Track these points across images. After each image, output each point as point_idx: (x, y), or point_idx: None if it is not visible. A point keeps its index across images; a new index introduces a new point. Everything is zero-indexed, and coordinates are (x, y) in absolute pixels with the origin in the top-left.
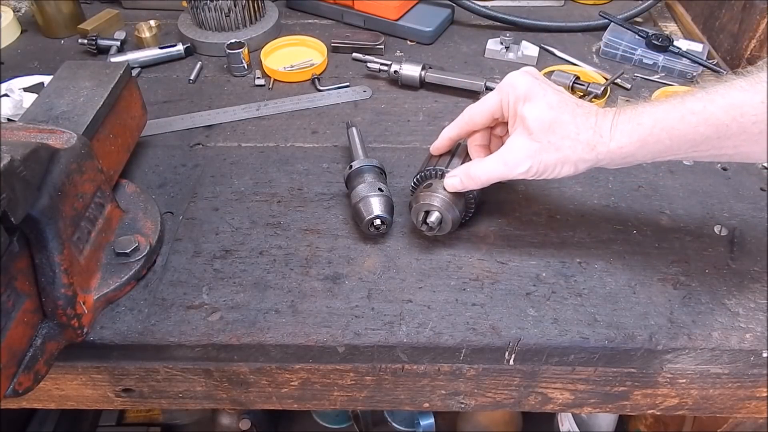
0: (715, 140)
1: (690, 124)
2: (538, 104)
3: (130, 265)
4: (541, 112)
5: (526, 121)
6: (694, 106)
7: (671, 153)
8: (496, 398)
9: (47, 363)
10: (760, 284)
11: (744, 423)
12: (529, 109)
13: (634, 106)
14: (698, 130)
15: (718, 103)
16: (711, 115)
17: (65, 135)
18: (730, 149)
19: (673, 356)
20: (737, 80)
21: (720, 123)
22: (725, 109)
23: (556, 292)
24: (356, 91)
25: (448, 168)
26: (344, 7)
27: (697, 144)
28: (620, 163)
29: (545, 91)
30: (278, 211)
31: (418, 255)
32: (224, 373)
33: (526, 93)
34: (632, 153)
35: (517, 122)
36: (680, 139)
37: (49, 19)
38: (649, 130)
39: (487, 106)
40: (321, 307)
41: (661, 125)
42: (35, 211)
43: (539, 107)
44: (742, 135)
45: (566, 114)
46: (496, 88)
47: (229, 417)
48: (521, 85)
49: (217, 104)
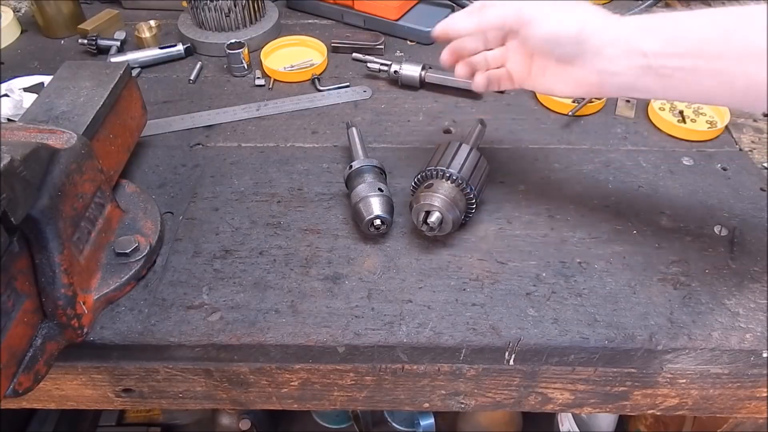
0: (721, 42)
1: (696, 20)
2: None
3: (130, 265)
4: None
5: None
6: (700, 12)
7: (672, 52)
8: (496, 398)
9: (47, 363)
10: (760, 284)
11: (744, 423)
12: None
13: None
14: (704, 30)
15: (725, 10)
16: (717, 15)
17: (65, 135)
18: (734, 66)
19: (673, 356)
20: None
21: (727, 23)
22: (733, 12)
23: (556, 292)
24: (356, 91)
25: (448, 168)
26: (344, 7)
27: (702, 48)
28: (617, 50)
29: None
30: (278, 211)
31: (418, 255)
32: (224, 373)
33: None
34: (628, 36)
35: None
36: (685, 34)
37: (49, 19)
38: (652, 18)
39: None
40: (321, 307)
41: (666, 18)
42: (35, 211)
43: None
44: (746, 49)
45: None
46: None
47: (229, 417)
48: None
49: (217, 104)
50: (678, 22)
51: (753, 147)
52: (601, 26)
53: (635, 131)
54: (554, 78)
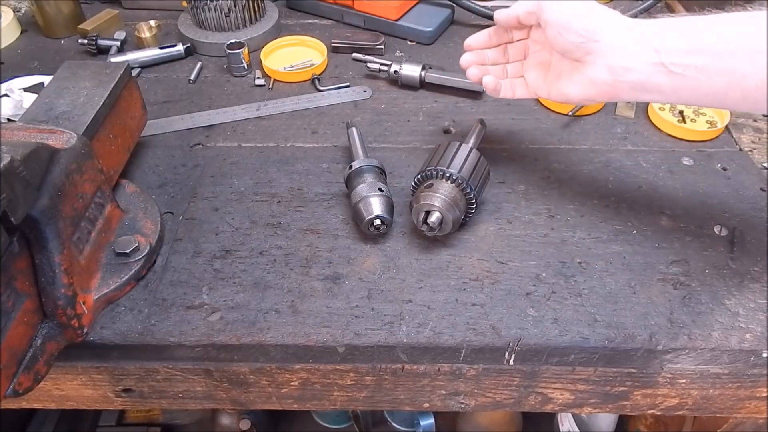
0: (732, 40)
1: (708, 20)
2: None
3: (130, 265)
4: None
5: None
6: (711, 15)
7: (684, 48)
8: (496, 398)
9: (47, 363)
10: (760, 284)
11: (744, 423)
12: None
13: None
14: (716, 28)
15: (736, 13)
16: (729, 16)
17: (65, 135)
18: (745, 64)
19: (673, 356)
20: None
21: (739, 22)
22: (745, 14)
23: (556, 292)
24: (356, 91)
25: (448, 168)
26: (344, 7)
27: (714, 46)
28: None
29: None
30: (278, 211)
31: (418, 255)
32: (224, 373)
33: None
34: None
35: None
36: (697, 32)
37: (49, 19)
38: (664, 19)
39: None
40: (321, 307)
41: (678, 19)
42: (35, 211)
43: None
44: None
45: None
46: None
47: (229, 417)
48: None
49: (217, 104)
50: (689, 21)
51: (753, 147)
52: (613, 21)
53: (635, 131)
54: (568, 81)
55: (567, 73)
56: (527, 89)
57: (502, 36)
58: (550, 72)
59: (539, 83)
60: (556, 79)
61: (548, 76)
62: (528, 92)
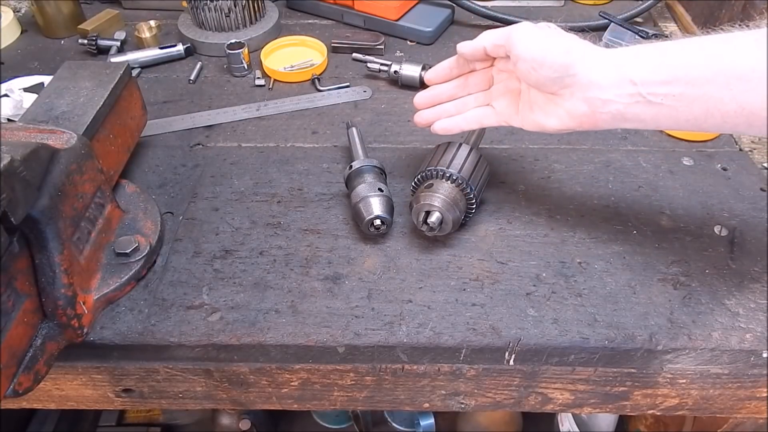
0: (707, 68)
1: (683, 47)
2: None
3: (130, 265)
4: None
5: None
6: (688, 40)
7: (660, 79)
8: (496, 398)
9: (47, 363)
10: (760, 284)
11: (744, 423)
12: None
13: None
14: (690, 56)
15: (712, 37)
16: (704, 42)
17: (65, 135)
18: (722, 91)
19: (673, 356)
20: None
21: (713, 49)
22: (720, 39)
23: (556, 292)
24: (356, 91)
25: (448, 168)
26: (344, 7)
27: (689, 74)
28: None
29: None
30: (278, 211)
31: (418, 255)
32: (224, 373)
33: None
34: (625, 64)
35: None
36: (672, 61)
37: (49, 19)
38: (639, 47)
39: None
40: (321, 307)
41: (653, 47)
42: (35, 211)
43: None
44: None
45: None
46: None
47: (229, 417)
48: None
49: (217, 104)
50: (665, 50)
51: (753, 147)
52: (588, 54)
53: (635, 131)
54: (543, 113)
55: (541, 105)
56: (497, 117)
57: (463, 67)
58: (521, 102)
59: (510, 112)
60: (529, 110)
61: (520, 106)
62: (498, 121)
